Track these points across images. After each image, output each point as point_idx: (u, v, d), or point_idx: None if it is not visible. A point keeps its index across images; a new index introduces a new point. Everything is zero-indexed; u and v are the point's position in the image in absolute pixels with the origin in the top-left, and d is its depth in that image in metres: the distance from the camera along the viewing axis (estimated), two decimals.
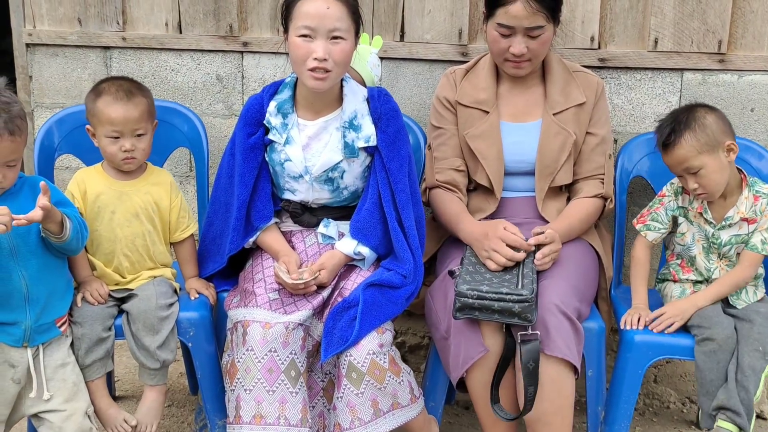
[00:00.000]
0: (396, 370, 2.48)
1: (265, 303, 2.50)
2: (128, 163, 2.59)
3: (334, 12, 2.44)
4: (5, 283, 2.33)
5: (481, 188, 2.83)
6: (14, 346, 2.36)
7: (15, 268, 2.34)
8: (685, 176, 2.59)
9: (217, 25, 3.22)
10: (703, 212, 2.66)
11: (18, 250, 2.34)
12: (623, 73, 3.11)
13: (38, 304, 2.38)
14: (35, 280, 2.37)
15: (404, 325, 3.40)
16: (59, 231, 2.34)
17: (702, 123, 2.55)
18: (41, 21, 3.31)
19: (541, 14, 2.59)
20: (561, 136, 2.74)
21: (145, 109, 2.58)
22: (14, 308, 2.35)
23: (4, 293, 2.33)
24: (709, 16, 3.00)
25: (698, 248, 2.69)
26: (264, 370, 2.41)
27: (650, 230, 2.73)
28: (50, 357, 2.43)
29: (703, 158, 2.54)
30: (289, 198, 2.70)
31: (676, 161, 2.58)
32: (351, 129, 2.60)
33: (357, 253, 2.61)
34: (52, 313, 2.43)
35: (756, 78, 3.05)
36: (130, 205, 2.62)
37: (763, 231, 2.60)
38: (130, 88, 2.59)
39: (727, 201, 2.64)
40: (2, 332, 2.35)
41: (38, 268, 2.38)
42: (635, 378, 2.61)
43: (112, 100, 2.54)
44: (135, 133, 2.56)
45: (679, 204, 2.71)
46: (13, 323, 2.35)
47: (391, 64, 3.19)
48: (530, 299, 2.36)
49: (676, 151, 2.56)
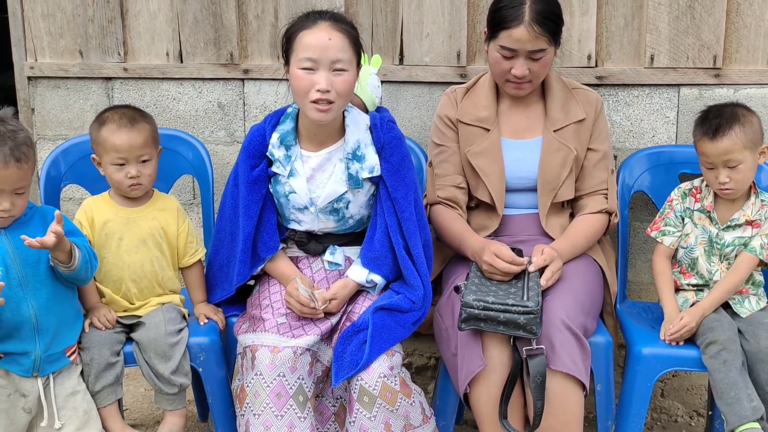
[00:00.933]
0: (407, 391, 2.49)
1: (273, 327, 2.51)
2: (135, 189, 2.61)
3: (336, 43, 2.44)
4: (14, 313, 2.33)
5: (483, 205, 2.85)
6: (24, 376, 2.37)
7: (24, 298, 2.35)
8: (720, 169, 2.60)
9: (218, 54, 3.26)
10: (711, 211, 2.68)
11: (27, 281, 2.35)
12: (621, 90, 3.14)
13: (48, 334, 2.38)
14: (44, 310, 2.37)
15: (410, 347, 3.40)
16: (68, 260, 2.35)
17: (749, 120, 2.60)
18: (43, 54, 3.34)
19: (544, 38, 2.62)
20: (562, 152, 2.77)
21: (149, 135, 2.60)
22: (24, 338, 2.35)
23: (13, 323, 2.34)
24: (704, 32, 3.05)
25: (700, 251, 2.70)
26: (273, 394, 2.41)
27: (666, 235, 2.74)
28: (60, 386, 2.43)
29: (745, 153, 2.58)
30: (294, 228, 2.71)
31: (721, 151, 2.58)
32: (354, 160, 2.60)
33: (369, 281, 2.62)
34: (62, 342, 2.43)
35: (751, 91, 3.09)
36: (138, 232, 2.63)
37: (764, 236, 2.63)
38: (133, 115, 2.61)
39: (734, 204, 2.67)
40: (12, 362, 2.36)
41: (47, 298, 2.38)
42: (644, 391, 2.61)
43: (116, 128, 2.56)
44: (140, 159, 2.59)
45: (686, 206, 2.74)
46: (22, 353, 2.36)
47: (391, 87, 3.22)
48: (535, 311, 2.37)
49: (723, 141, 2.57)
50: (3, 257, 2.32)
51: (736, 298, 2.66)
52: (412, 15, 3.16)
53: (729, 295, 2.64)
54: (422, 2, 3.15)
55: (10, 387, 2.37)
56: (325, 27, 2.45)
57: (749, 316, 2.63)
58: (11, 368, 2.36)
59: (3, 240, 2.34)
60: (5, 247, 2.34)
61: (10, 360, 2.35)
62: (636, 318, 2.82)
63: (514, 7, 2.61)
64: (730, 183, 2.60)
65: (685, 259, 2.74)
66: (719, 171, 2.61)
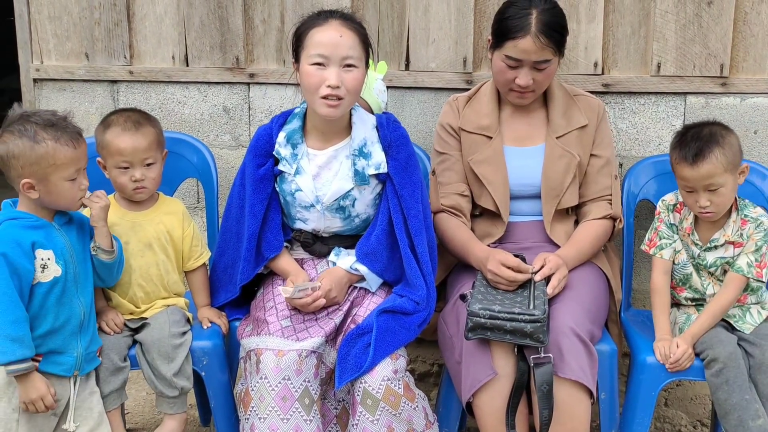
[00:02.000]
0: (410, 395, 2.48)
1: (278, 330, 2.50)
2: (139, 192, 2.60)
3: (346, 40, 2.47)
4: (67, 308, 2.36)
5: (487, 213, 2.85)
6: (65, 375, 2.36)
7: (75, 295, 2.38)
8: (700, 192, 2.54)
9: (224, 58, 3.26)
10: (690, 233, 2.66)
11: (80, 277, 2.39)
12: (627, 97, 3.14)
13: (89, 332, 2.42)
14: (89, 308, 2.42)
15: (413, 353, 3.39)
16: (110, 245, 2.41)
17: (728, 141, 2.54)
18: (49, 56, 3.34)
19: (549, 49, 2.62)
20: (565, 159, 2.76)
21: (154, 139, 2.60)
22: (68, 335, 2.36)
23: (63, 319, 2.35)
24: (711, 41, 3.04)
25: (691, 266, 2.69)
26: (278, 398, 2.41)
27: (663, 249, 2.71)
28: (82, 386, 2.43)
29: (726, 176, 2.52)
30: (300, 227, 2.71)
31: (701, 176, 2.52)
32: (361, 156, 2.61)
33: (354, 269, 2.62)
34: (97, 342, 2.47)
35: (758, 100, 3.08)
36: (144, 236, 2.63)
37: (750, 254, 2.58)
38: (138, 118, 2.61)
39: (715, 223, 2.63)
40: (52, 363, 2.34)
41: (91, 297, 2.44)
42: (648, 400, 2.60)
43: (120, 131, 2.56)
44: (144, 163, 2.58)
45: (671, 221, 2.72)
46: (64, 351, 2.36)
47: (396, 92, 3.22)
48: (542, 319, 2.36)
49: (704, 165, 2.51)
50: (62, 251, 2.35)
51: (737, 315, 2.63)
52: (419, 21, 3.16)
53: (719, 317, 2.60)
54: (429, 8, 3.15)
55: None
56: (336, 25, 2.48)
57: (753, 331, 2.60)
58: (52, 369, 2.34)
59: (60, 235, 2.37)
60: (62, 241, 2.36)
61: (50, 361, 2.34)
62: (640, 326, 2.80)
63: (521, 18, 2.61)
64: (710, 207, 2.55)
65: (678, 274, 2.72)
66: (699, 195, 2.55)
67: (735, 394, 2.46)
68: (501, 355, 2.46)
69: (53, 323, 2.33)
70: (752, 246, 2.58)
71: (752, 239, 2.59)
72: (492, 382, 2.44)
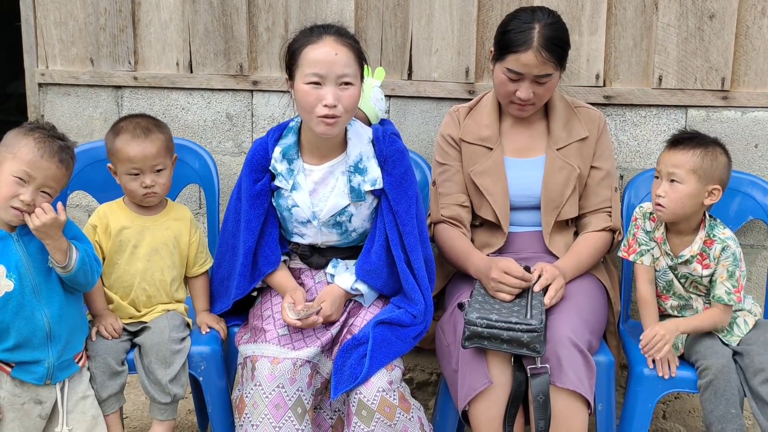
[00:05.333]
0: (406, 406, 2.48)
1: (275, 339, 2.51)
2: (149, 198, 2.62)
3: (342, 58, 2.45)
4: (29, 322, 2.34)
5: (487, 224, 2.86)
6: (38, 384, 2.37)
7: (38, 307, 2.35)
8: (663, 180, 2.59)
9: (228, 65, 3.28)
10: (662, 243, 2.67)
11: (40, 288, 2.36)
12: (628, 110, 3.15)
13: (60, 342, 2.39)
14: (57, 318, 2.38)
15: (412, 362, 3.40)
16: (63, 260, 2.34)
17: (714, 155, 2.57)
18: (54, 61, 3.36)
19: (551, 63, 2.63)
20: (565, 171, 2.77)
21: (163, 145, 2.61)
22: (37, 347, 2.35)
23: (27, 332, 2.34)
24: (712, 54, 3.05)
25: (671, 273, 2.70)
26: (271, 405, 2.41)
27: (643, 255, 2.72)
28: (72, 390, 2.44)
29: (691, 177, 2.55)
30: (297, 241, 2.71)
31: (671, 161, 2.57)
32: (357, 173, 2.60)
33: (354, 289, 2.62)
34: (73, 349, 2.45)
35: (759, 114, 3.09)
36: (152, 240, 2.65)
37: (725, 281, 2.59)
38: (148, 125, 2.62)
39: (684, 239, 2.65)
40: (25, 371, 2.35)
41: (60, 305, 2.39)
42: (645, 411, 2.60)
43: (130, 138, 2.58)
44: (154, 169, 2.60)
45: (647, 228, 2.73)
46: (35, 362, 2.36)
47: (399, 102, 3.23)
48: (539, 329, 2.36)
49: (678, 153, 2.57)
50: (16, 265, 2.33)
51: (724, 330, 2.64)
52: (422, 31, 3.18)
53: (709, 328, 2.62)
54: (432, 18, 3.16)
55: (25, 395, 2.37)
56: (331, 42, 2.46)
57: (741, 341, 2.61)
58: (24, 377, 2.35)
59: (16, 247, 2.34)
60: (18, 254, 2.34)
61: (23, 369, 2.35)
62: (638, 338, 2.79)
63: (523, 32, 2.62)
64: (664, 199, 2.57)
65: (660, 281, 2.73)
66: (661, 181, 2.60)
67: (721, 406, 2.47)
68: (497, 365, 2.46)
69: (17, 338, 2.33)
70: (725, 273, 2.60)
71: (723, 265, 2.60)
72: (487, 391, 2.44)
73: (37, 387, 2.37)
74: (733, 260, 2.59)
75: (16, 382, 2.36)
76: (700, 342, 2.60)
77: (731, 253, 2.59)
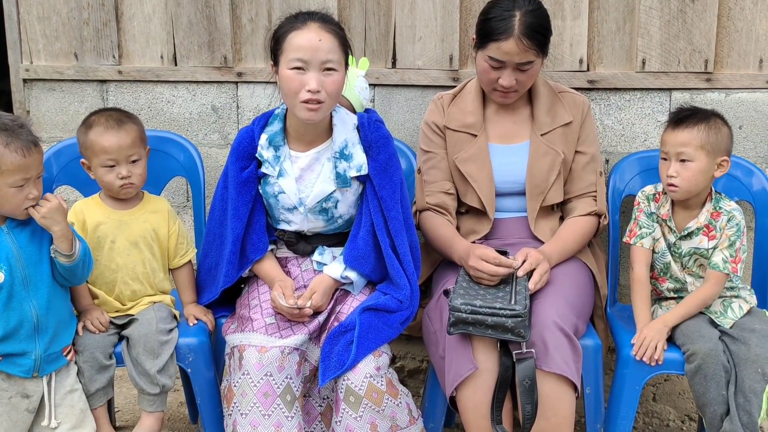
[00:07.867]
0: (394, 392, 2.49)
1: (262, 327, 2.52)
2: (127, 188, 2.62)
3: (326, 44, 2.46)
4: (17, 313, 2.35)
5: (473, 210, 2.86)
6: (24, 377, 2.38)
7: (27, 298, 2.36)
8: (672, 161, 2.60)
9: (212, 57, 3.27)
10: (668, 219, 2.68)
11: (30, 280, 2.37)
12: (612, 94, 3.15)
13: (47, 334, 2.40)
14: (45, 310, 2.39)
15: (403, 350, 3.41)
16: (70, 249, 2.36)
17: (718, 127, 2.59)
18: (38, 56, 3.36)
19: (532, 51, 2.63)
20: (549, 156, 2.77)
21: (137, 135, 2.62)
22: (24, 339, 2.37)
23: (15, 323, 2.35)
24: (695, 36, 3.05)
25: (669, 255, 2.71)
26: (260, 394, 2.42)
27: (643, 237, 2.73)
28: (60, 384, 2.45)
29: (700, 153, 2.57)
30: (284, 228, 2.72)
31: (677, 142, 2.58)
32: (342, 159, 2.61)
33: (344, 277, 2.62)
34: (60, 342, 2.45)
35: (743, 96, 3.10)
36: (130, 234, 2.65)
37: (724, 249, 2.61)
38: (119, 117, 2.63)
39: (691, 212, 2.67)
40: (11, 364, 2.36)
41: (48, 297, 2.40)
42: (633, 394, 2.61)
43: (104, 130, 2.58)
44: (130, 159, 2.60)
45: (651, 210, 2.74)
46: (22, 354, 2.37)
47: (383, 90, 3.23)
48: (523, 314, 2.37)
49: (683, 131, 2.58)
50: (7, 256, 2.34)
51: (718, 311, 2.65)
52: (405, 19, 3.17)
53: (697, 309, 2.63)
54: (415, 6, 3.16)
55: (12, 389, 2.38)
56: (315, 28, 2.47)
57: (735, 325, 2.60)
58: (11, 370, 2.36)
59: (6, 239, 2.35)
60: (9, 245, 2.35)
61: (9, 362, 2.36)
62: (626, 321, 2.81)
63: (504, 20, 2.62)
64: (676, 179, 2.59)
65: (658, 263, 2.74)
66: (671, 163, 2.61)
67: (712, 389, 2.48)
68: (482, 350, 2.47)
69: (5, 328, 2.34)
70: (726, 241, 2.61)
71: (725, 234, 2.61)
72: (473, 377, 2.45)
73: (24, 380, 2.38)
74: (737, 230, 2.61)
75: (3, 376, 2.36)
76: (687, 325, 2.60)
77: (736, 223, 2.62)
